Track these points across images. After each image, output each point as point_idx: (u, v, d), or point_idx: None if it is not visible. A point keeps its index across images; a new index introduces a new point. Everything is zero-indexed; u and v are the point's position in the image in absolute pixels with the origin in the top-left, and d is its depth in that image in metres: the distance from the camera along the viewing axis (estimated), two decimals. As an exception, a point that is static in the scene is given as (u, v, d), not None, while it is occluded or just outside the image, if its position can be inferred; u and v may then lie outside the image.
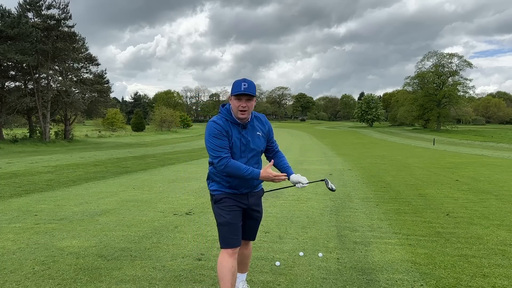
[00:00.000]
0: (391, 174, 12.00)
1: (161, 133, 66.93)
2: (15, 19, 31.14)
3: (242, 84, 2.61)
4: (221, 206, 2.74)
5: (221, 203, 2.75)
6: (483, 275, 3.57)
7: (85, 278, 3.47)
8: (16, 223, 5.54)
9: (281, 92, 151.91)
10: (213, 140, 2.63)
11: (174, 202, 7.21)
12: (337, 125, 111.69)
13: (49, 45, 34.46)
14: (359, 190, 8.70)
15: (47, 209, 6.55)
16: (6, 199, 7.57)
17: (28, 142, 33.02)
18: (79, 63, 40.16)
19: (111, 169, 13.44)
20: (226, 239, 2.72)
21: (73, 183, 9.85)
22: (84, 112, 43.33)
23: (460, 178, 10.74)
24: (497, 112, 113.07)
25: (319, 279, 3.48)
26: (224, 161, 2.59)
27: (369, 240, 4.69)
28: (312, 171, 12.63)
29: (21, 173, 11.90)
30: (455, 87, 76.49)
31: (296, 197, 7.67)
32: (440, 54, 79.24)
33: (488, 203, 7.11)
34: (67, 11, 36.00)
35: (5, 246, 4.40)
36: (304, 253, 4.15)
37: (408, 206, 6.83)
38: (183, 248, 4.33)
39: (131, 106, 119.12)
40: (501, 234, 4.96)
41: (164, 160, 17.72)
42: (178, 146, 34.03)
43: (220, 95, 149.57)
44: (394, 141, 46.58)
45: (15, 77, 36.38)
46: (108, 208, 6.63)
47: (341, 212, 6.28)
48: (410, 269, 3.71)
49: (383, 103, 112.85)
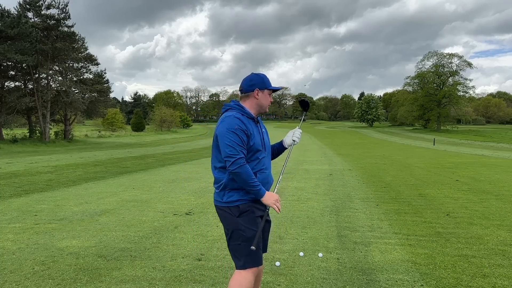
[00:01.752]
0: (391, 174, 11.99)
1: (161, 133, 66.93)
2: (15, 19, 31.15)
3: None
4: (251, 218, 2.40)
5: (249, 213, 2.40)
6: (483, 275, 3.56)
7: (85, 278, 3.47)
8: (16, 223, 5.54)
9: (281, 92, 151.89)
10: (232, 136, 2.34)
11: (174, 202, 7.21)
12: (337, 125, 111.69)
13: (48, 45, 34.46)
14: (359, 190, 8.69)
15: (47, 209, 6.55)
16: (6, 199, 7.56)
17: (28, 142, 33.02)
18: (78, 63, 40.18)
19: (111, 169, 13.44)
20: (255, 255, 2.38)
21: (73, 183, 9.85)
22: (84, 112, 43.33)
23: (460, 178, 10.74)
24: (497, 112, 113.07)
25: (319, 279, 3.47)
26: (241, 161, 2.31)
27: (369, 240, 4.69)
28: (312, 171, 12.63)
29: (21, 173, 11.90)
30: (455, 87, 76.50)
31: (296, 197, 7.67)
32: (440, 54, 79.28)
33: (488, 203, 7.10)
34: (67, 11, 36.05)
35: (5, 246, 4.40)
36: (304, 253, 4.15)
37: (408, 206, 6.82)
38: (183, 248, 4.33)
39: (131, 106, 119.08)
40: (501, 234, 4.96)
41: (164, 160, 17.72)
42: (178, 146, 34.02)
43: (220, 95, 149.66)
44: (394, 141, 46.59)
45: (15, 77, 36.39)
46: (108, 208, 6.63)
47: (341, 212, 6.27)
48: (410, 269, 3.71)
49: (383, 103, 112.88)
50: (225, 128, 2.36)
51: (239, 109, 2.50)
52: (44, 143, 33.64)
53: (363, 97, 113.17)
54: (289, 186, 9.16)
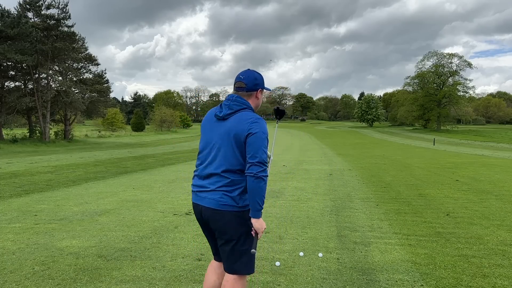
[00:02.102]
0: (391, 174, 11.99)
1: (161, 133, 66.92)
2: (15, 19, 31.14)
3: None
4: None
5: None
6: (483, 275, 3.56)
7: (85, 278, 3.47)
8: (16, 223, 5.54)
9: (281, 92, 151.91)
10: (267, 142, 2.27)
11: (174, 202, 7.21)
12: (337, 125, 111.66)
13: (48, 45, 34.44)
14: (359, 190, 8.69)
15: (47, 209, 6.55)
16: (6, 199, 7.56)
17: (28, 142, 33.02)
18: (79, 63, 40.18)
19: (111, 169, 13.44)
20: (253, 260, 2.41)
21: (73, 183, 9.85)
22: (84, 112, 43.31)
23: (460, 178, 10.74)
24: (497, 112, 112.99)
25: (319, 279, 3.47)
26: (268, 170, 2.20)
27: (369, 240, 4.69)
28: (312, 171, 12.63)
29: (21, 173, 11.89)
30: (455, 87, 76.47)
31: (296, 197, 7.67)
32: (440, 54, 79.27)
33: (488, 203, 7.10)
34: (67, 10, 36.02)
35: (5, 246, 4.40)
36: (304, 253, 4.15)
37: (408, 206, 6.82)
38: (183, 248, 4.33)
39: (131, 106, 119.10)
40: (501, 234, 4.96)
41: (164, 160, 17.72)
42: (178, 146, 34.03)
43: (220, 95, 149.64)
44: (394, 141, 46.58)
45: (15, 77, 36.36)
46: (108, 208, 6.63)
47: (341, 212, 6.27)
48: (410, 269, 3.71)
49: (383, 103, 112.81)
50: (262, 132, 2.24)
51: (253, 111, 2.38)
52: (44, 143, 33.64)
53: (363, 97, 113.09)
54: (289, 186, 9.16)
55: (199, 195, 2.38)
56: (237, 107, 2.35)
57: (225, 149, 2.30)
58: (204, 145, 2.44)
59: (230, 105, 2.36)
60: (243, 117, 2.29)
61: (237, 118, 2.30)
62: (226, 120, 2.34)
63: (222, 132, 2.32)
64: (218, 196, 2.30)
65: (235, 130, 2.26)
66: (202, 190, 2.37)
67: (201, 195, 2.37)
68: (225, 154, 2.30)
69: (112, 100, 57.51)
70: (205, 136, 2.45)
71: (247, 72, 2.45)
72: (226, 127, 2.31)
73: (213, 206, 2.31)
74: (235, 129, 2.27)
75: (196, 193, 2.42)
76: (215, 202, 2.30)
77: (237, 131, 2.26)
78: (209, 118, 2.46)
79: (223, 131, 2.32)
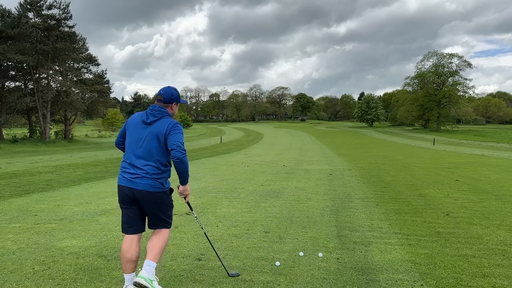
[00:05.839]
0: (391, 174, 12.00)
1: (161, 133, 66.80)
2: (15, 19, 31.17)
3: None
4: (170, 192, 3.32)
5: (171, 190, 3.35)
6: (483, 275, 3.57)
7: (85, 278, 3.47)
8: (16, 223, 5.54)
9: (281, 92, 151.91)
10: (182, 136, 3.15)
11: (174, 202, 7.19)
12: (337, 125, 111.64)
13: (49, 45, 34.48)
14: (359, 190, 8.70)
15: (47, 209, 6.55)
16: (6, 199, 7.57)
17: (28, 142, 33.04)
18: (79, 63, 40.20)
19: (111, 169, 13.44)
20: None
21: (73, 183, 9.85)
22: (84, 112, 43.36)
23: (460, 178, 10.75)
24: (497, 112, 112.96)
25: (319, 279, 3.48)
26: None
27: (369, 240, 4.69)
28: (312, 171, 12.63)
29: (21, 173, 11.90)
30: (455, 87, 76.46)
31: (296, 197, 7.67)
32: (440, 54, 79.27)
33: (488, 203, 7.11)
34: (68, 11, 36.03)
35: (5, 246, 4.40)
36: (304, 253, 4.15)
37: (408, 206, 6.83)
38: (183, 248, 4.33)
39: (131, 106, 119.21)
40: (501, 234, 4.96)
41: (164, 160, 17.69)
42: (178, 146, 33.96)
43: (220, 95, 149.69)
44: (394, 141, 46.59)
45: (15, 77, 36.41)
46: (108, 208, 6.63)
47: (341, 212, 6.28)
48: (410, 269, 3.71)
49: (383, 103, 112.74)
50: (178, 130, 3.08)
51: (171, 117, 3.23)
52: (44, 143, 33.66)
53: (363, 97, 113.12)
54: (289, 186, 9.16)
55: (133, 180, 3.03)
56: (159, 114, 3.11)
57: (152, 145, 3.03)
58: (134, 141, 3.10)
59: (154, 113, 3.10)
60: (165, 122, 3.08)
61: (160, 123, 3.07)
62: (151, 125, 3.07)
63: (149, 133, 3.05)
64: (150, 181, 3.03)
65: (159, 131, 3.04)
66: (136, 176, 3.03)
67: (135, 181, 3.03)
68: (151, 149, 3.04)
69: (112, 100, 57.51)
70: (134, 134, 3.12)
71: (166, 88, 3.21)
72: (152, 129, 3.06)
73: (147, 189, 3.03)
74: (159, 130, 3.04)
75: (130, 179, 3.04)
76: (148, 185, 3.04)
77: (161, 132, 3.03)
78: (136, 122, 3.15)
79: (149, 132, 3.05)
